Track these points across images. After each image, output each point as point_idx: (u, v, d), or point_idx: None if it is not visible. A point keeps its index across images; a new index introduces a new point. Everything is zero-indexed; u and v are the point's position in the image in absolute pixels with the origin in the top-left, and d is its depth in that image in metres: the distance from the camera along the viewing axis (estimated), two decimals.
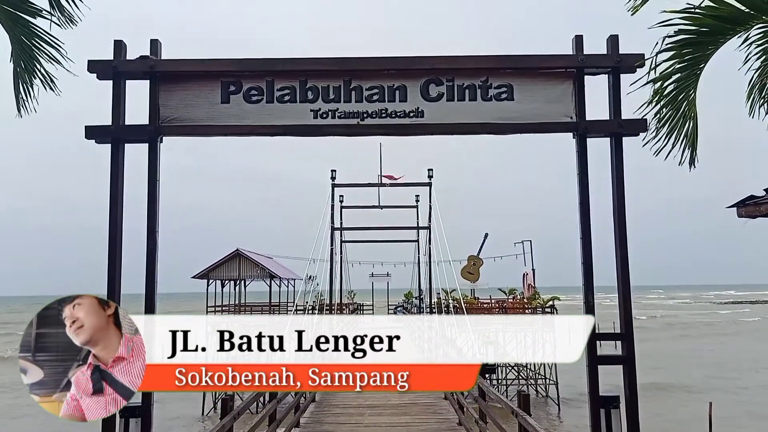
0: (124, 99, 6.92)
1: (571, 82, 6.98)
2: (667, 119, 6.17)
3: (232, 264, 35.66)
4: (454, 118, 7.04)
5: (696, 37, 5.87)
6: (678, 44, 5.88)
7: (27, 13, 6.57)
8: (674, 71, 5.96)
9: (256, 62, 7.14)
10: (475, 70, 7.04)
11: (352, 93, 7.08)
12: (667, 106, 6.17)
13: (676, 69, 5.98)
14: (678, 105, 6.13)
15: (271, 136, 7.27)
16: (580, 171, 6.88)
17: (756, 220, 5.99)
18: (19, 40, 6.61)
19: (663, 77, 5.92)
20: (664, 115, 6.15)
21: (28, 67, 6.68)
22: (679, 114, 6.18)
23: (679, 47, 5.88)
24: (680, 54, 5.87)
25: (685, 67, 5.92)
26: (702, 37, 5.89)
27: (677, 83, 6.02)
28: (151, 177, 6.92)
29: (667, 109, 6.18)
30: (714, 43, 5.97)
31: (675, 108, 6.12)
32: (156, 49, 7.01)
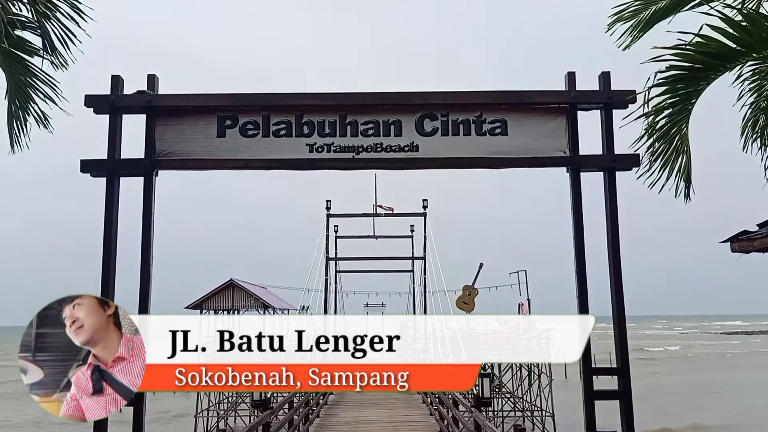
0: (120, 133, 6.96)
1: (565, 117, 7.06)
2: (660, 153, 6.23)
3: (225, 294, 35.43)
4: (448, 153, 7.09)
5: (687, 73, 5.95)
6: (669, 80, 5.97)
7: (24, 52, 6.64)
8: (666, 106, 6.03)
9: (252, 97, 7.21)
10: (470, 106, 7.12)
11: (348, 127, 7.14)
12: (659, 140, 6.24)
13: (668, 104, 6.06)
14: (671, 139, 6.20)
15: (266, 169, 7.31)
16: (575, 205, 6.92)
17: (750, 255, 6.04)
18: (16, 78, 6.67)
19: (655, 112, 5.99)
20: (657, 149, 6.21)
21: (23, 104, 6.73)
22: (672, 148, 6.24)
23: (670, 83, 5.96)
24: (672, 89, 5.95)
25: (676, 102, 6.00)
26: (693, 73, 5.98)
27: (669, 118, 6.09)
28: (146, 210, 6.92)
29: (660, 143, 6.24)
30: (705, 79, 6.06)
31: (668, 142, 6.18)
32: (153, 83, 7.07)
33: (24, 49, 6.64)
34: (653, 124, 5.97)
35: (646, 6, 6.66)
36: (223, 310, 36.87)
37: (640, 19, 6.75)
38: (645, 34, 6.84)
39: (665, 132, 6.08)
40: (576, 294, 6.90)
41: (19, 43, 6.56)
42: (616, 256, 6.92)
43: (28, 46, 6.59)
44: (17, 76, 6.69)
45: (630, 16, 6.78)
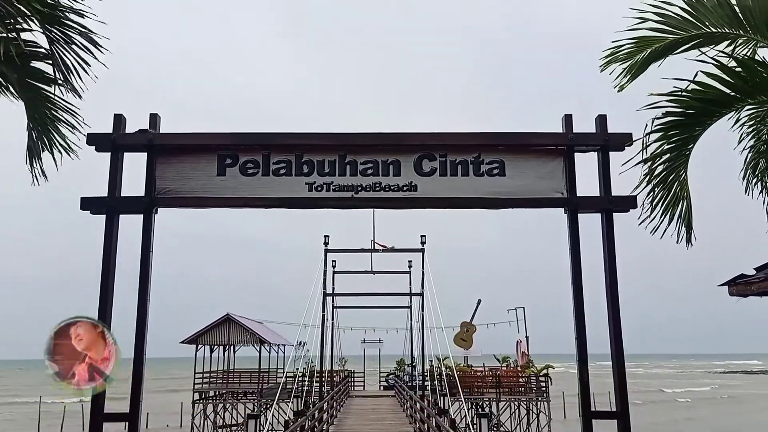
0: (121, 171, 7.01)
1: (562, 159, 7.13)
2: (660, 199, 6.27)
3: (221, 329, 35.15)
4: (446, 193, 7.15)
5: (683, 119, 6.04)
6: (666, 126, 6.05)
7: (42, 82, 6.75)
8: (663, 152, 6.11)
9: (252, 136, 7.29)
10: (468, 147, 7.20)
11: (347, 167, 7.20)
12: (659, 186, 6.29)
13: (665, 150, 6.13)
14: (670, 185, 6.25)
15: (266, 208, 7.35)
16: (572, 246, 6.94)
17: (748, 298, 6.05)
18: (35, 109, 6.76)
19: (653, 158, 6.06)
20: (657, 195, 6.26)
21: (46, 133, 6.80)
22: (671, 194, 6.29)
23: (667, 129, 6.04)
24: (669, 135, 6.03)
25: (674, 148, 6.07)
26: (689, 119, 6.06)
27: (667, 164, 6.15)
28: (145, 248, 6.93)
29: (660, 189, 6.29)
30: (701, 124, 6.14)
31: (667, 188, 6.23)
32: (155, 122, 7.15)
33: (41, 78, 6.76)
34: (652, 170, 6.03)
35: (641, 48, 6.77)
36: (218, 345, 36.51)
37: (635, 61, 6.86)
38: (639, 75, 6.94)
39: (664, 178, 6.14)
40: (574, 336, 6.87)
41: (37, 74, 6.68)
42: (614, 298, 6.91)
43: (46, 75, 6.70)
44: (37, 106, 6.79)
45: (624, 57, 6.89)
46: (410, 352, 39.60)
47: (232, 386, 34.98)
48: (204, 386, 34.60)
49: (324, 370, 31.12)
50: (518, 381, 30.73)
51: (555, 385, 30.83)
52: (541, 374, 30.25)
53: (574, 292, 6.91)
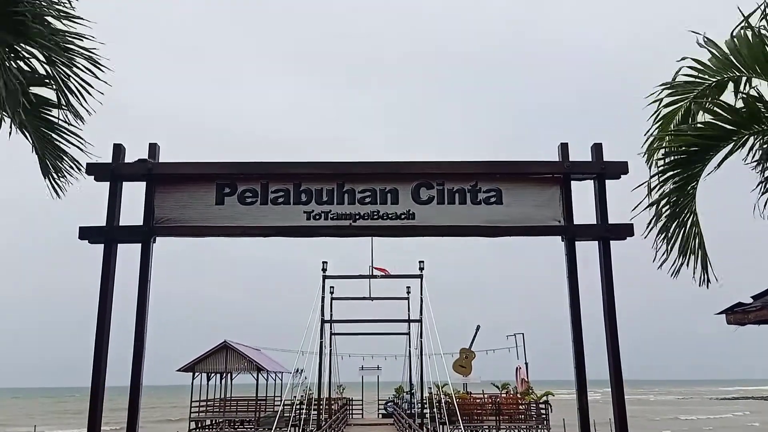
0: (120, 200, 7.03)
1: (559, 187, 7.17)
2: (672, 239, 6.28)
3: (218, 356, 34.89)
4: (444, 221, 7.17)
5: (684, 156, 6.10)
6: (668, 165, 6.11)
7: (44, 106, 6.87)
8: (670, 192, 6.16)
9: (251, 165, 7.33)
10: (465, 175, 7.25)
11: (345, 195, 7.24)
12: (671, 222, 6.30)
13: (671, 189, 6.18)
14: (682, 224, 6.26)
15: (264, 236, 7.35)
16: (570, 274, 6.95)
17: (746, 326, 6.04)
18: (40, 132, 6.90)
19: (658, 201, 6.11)
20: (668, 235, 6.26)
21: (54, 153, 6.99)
22: (683, 233, 6.28)
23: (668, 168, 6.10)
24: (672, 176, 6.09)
25: (678, 188, 6.11)
26: (689, 156, 6.12)
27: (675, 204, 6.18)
28: (143, 277, 6.92)
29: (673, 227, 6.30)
30: (701, 160, 6.20)
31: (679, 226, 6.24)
32: (154, 152, 7.20)
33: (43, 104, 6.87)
34: (659, 211, 6.07)
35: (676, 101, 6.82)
36: (215, 372, 36.20)
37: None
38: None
39: (670, 216, 6.16)
40: (573, 364, 6.85)
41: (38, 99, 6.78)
42: (612, 326, 6.90)
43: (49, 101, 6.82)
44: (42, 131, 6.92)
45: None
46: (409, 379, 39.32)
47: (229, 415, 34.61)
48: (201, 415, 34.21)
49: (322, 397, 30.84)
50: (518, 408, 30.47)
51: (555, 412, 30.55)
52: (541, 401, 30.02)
53: (572, 321, 6.90)
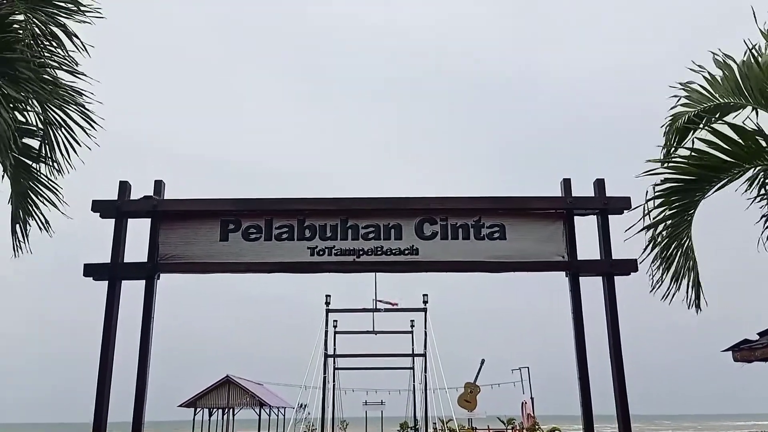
0: (125, 237, 7.07)
1: (562, 222, 7.19)
2: (667, 265, 6.30)
3: (221, 391, 34.55)
4: (447, 256, 7.18)
5: (683, 185, 6.15)
6: (666, 192, 6.16)
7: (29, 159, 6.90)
8: (666, 218, 6.19)
9: (255, 202, 7.38)
10: (468, 211, 7.28)
11: (349, 231, 7.27)
12: (664, 252, 6.33)
13: (667, 216, 6.22)
14: (675, 250, 6.30)
15: (268, 272, 7.35)
16: (574, 309, 6.92)
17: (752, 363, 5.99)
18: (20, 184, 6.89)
19: (655, 224, 6.13)
20: (664, 261, 6.28)
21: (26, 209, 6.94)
22: (678, 259, 6.32)
23: (667, 195, 6.15)
24: (669, 202, 6.13)
25: (675, 214, 6.16)
26: (688, 185, 6.18)
27: (671, 230, 6.22)
28: (146, 314, 6.92)
29: (665, 255, 6.33)
30: (701, 190, 6.25)
31: (672, 254, 6.28)
32: (159, 189, 7.26)
33: (29, 155, 6.91)
34: (655, 237, 6.10)
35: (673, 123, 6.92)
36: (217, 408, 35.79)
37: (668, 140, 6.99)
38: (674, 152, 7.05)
39: (667, 244, 6.20)
40: (579, 401, 6.77)
41: (25, 150, 6.83)
42: (618, 361, 6.85)
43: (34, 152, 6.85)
44: (22, 181, 6.92)
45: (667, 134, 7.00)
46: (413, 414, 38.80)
47: None
48: None
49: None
50: None
51: None
52: None
53: (578, 357, 6.85)
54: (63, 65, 6.54)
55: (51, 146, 6.60)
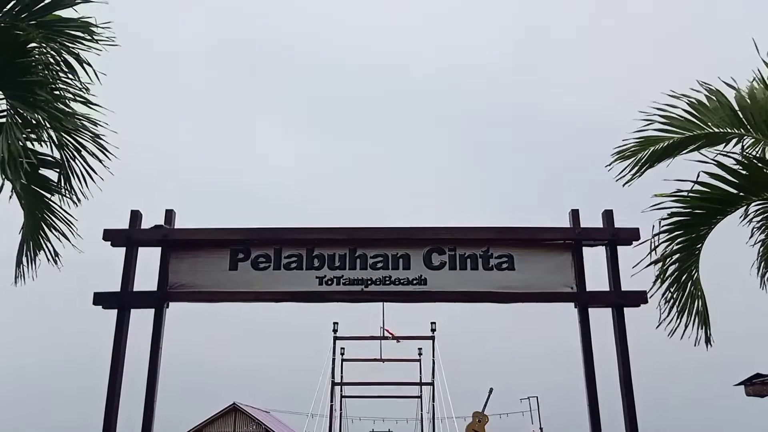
0: (134, 266, 7.12)
1: (570, 253, 7.18)
2: (675, 299, 6.26)
3: (227, 419, 34.27)
4: (456, 287, 7.18)
5: (690, 218, 6.13)
6: (673, 226, 6.14)
7: (44, 189, 6.95)
8: (673, 252, 6.16)
9: (265, 231, 7.42)
10: (477, 241, 7.29)
11: (357, 260, 7.29)
12: (672, 286, 6.29)
13: (674, 250, 6.19)
14: (683, 285, 6.25)
15: (277, 302, 7.36)
16: (584, 341, 6.87)
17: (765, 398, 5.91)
18: (33, 215, 6.93)
19: (663, 258, 6.10)
20: (672, 296, 6.24)
21: (37, 240, 6.96)
22: (686, 294, 6.27)
23: (674, 229, 6.12)
24: (677, 236, 6.10)
25: (682, 248, 6.12)
26: (696, 218, 6.15)
27: (678, 264, 6.18)
28: (154, 343, 6.93)
29: (674, 289, 6.28)
30: (708, 224, 6.22)
31: (680, 288, 6.23)
32: (170, 218, 7.32)
33: (45, 186, 6.96)
34: (663, 271, 6.07)
35: (644, 147, 6.98)
36: None
37: (639, 158, 7.06)
38: (644, 173, 7.11)
39: (677, 278, 6.15)
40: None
41: (41, 181, 6.88)
42: (629, 393, 6.77)
43: (51, 184, 6.90)
44: (35, 212, 6.96)
45: (631, 153, 7.09)
46: None
47: None
48: None
49: None
50: None
51: None
52: None
53: (587, 389, 6.78)
54: (77, 96, 6.62)
55: (67, 176, 6.65)
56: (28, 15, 6.21)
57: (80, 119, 6.65)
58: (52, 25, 6.33)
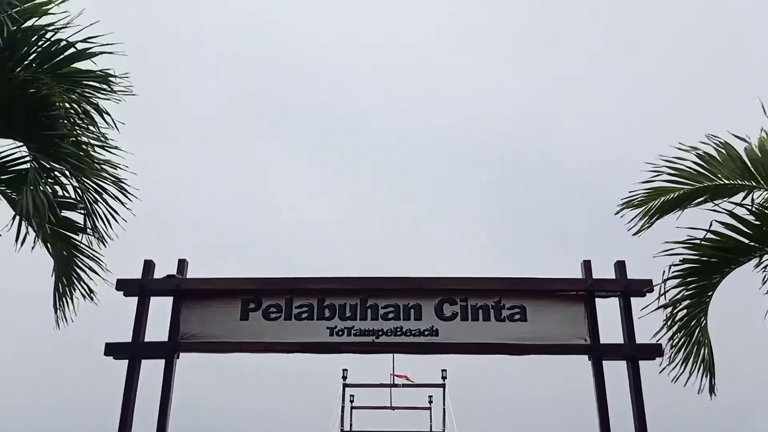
0: (146, 316, 7.13)
1: (583, 304, 7.13)
2: (681, 346, 6.21)
3: None
4: (468, 338, 7.13)
5: (700, 266, 6.11)
6: (684, 273, 6.12)
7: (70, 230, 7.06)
8: (683, 298, 6.13)
9: (276, 281, 7.44)
10: (488, 291, 7.26)
11: (368, 311, 7.26)
12: (680, 332, 6.25)
13: (684, 296, 6.16)
14: (691, 331, 6.21)
15: (287, 353, 7.32)
16: (598, 396, 6.75)
17: None
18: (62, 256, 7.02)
19: (672, 303, 6.07)
20: (678, 342, 6.20)
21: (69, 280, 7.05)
22: (693, 340, 6.23)
23: (685, 276, 6.10)
24: (687, 283, 6.08)
25: (692, 295, 6.09)
26: (706, 266, 6.13)
27: (687, 310, 6.15)
28: (165, 394, 6.89)
29: (681, 335, 6.24)
30: (719, 272, 6.19)
31: (688, 335, 6.19)
32: (182, 268, 7.37)
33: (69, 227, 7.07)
34: (671, 316, 6.03)
35: (655, 197, 6.98)
36: None
37: (650, 208, 7.05)
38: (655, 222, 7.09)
39: (684, 324, 6.12)
40: None
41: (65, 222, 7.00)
42: None
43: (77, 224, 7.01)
44: (64, 253, 7.07)
45: (639, 203, 7.08)
46: None
47: None
48: None
49: None
50: None
51: None
52: None
53: None
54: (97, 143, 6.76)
55: (92, 217, 6.78)
56: (48, 67, 6.39)
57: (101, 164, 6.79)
58: (71, 77, 6.51)
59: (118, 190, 6.84)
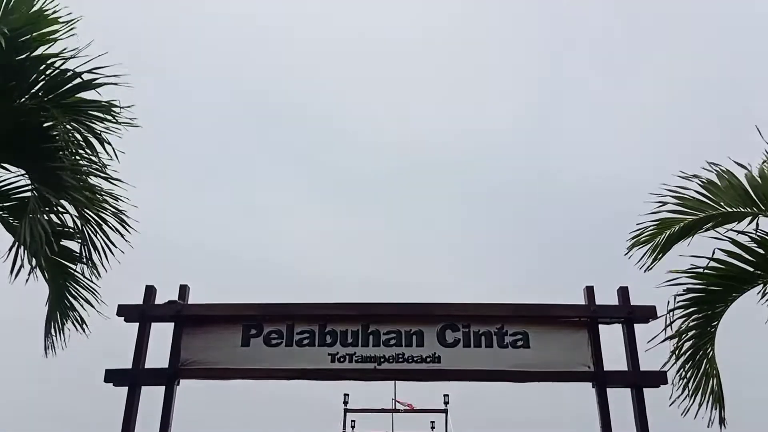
0: (147, 342, 7.09)
1: (586, 331, 7.08)
2: (690, 377, 6.14)
3: None
4: (470, 365, 7.07)
5: (705, 295, 6.08)
6: (689, 302, 6.09)
7: (67, 260, 7.05)
8: (688, 328, 6.08)
9: (277, 307, 7.40)
10: (491, 318, 7.22)
11: (370, 337, 7.22)
12: (687, 364, 6.18)
13: (690, 326, 6.11)
14: (698, 363, 6.14)
15: (288, 379, 7.26)
16: (603, 424, 6.66)
17: None
18: (58, 285, 7.00)
19: (678, 334, 6.03)
20: (686, 374, 6.13)
21: (63, 310, 7.01)
22: (701, 372, 6.16)
23: (690, 305, 6.07)
24: (692, 312, 6.04)
25: (698, 326, 6.05)
26: (711, 295, 6.10)
27: (694, 341, 6.10)
28: (164, 421, 6.82)
29: (688, 366, 6.18)
30: (724, 301, 6.15)
31: (696, 366, 6.12)
32: (184, 293, 7.34)
33: (67, 256, 7.05)
34: (678, 347, 5.98)
35: (661, 231, 6.95)
36: None
37: (657, 242, 7.01)
38: (664, 255, 7.03)
39: (691, 356, 6.06)
40: None
41: (63, 251, 6.98)
42: None
43: (75, 254, 7.00)
44: (59, 282, 7.04)
45: (647, 240, 7.05)
46: None
47: None
48: None
49: None
50: None
51: None
52: None
53: None
54: (99, 173, 6.76)
55: (89, 248, 6.76)
56: (54, 97, 6.42)
57: (102, 195, 6.79)
58: (76, 107, 6.53)
59: (119, 222, 6.85)
